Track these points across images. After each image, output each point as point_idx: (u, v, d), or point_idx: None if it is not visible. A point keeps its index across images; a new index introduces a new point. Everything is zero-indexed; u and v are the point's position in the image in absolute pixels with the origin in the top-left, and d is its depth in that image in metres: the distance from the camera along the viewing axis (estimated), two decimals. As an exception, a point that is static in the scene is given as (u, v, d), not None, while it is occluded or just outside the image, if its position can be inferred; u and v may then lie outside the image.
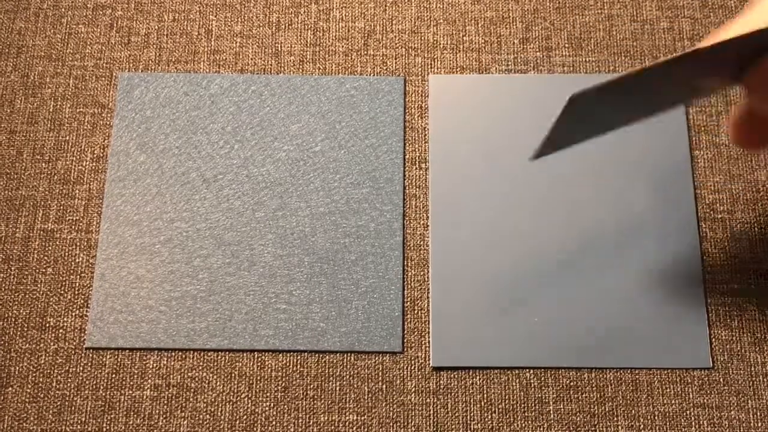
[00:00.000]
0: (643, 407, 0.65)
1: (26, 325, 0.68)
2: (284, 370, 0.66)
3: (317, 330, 0.67)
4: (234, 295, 0.68)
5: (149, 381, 0.66)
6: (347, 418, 0.65)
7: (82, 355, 0.67)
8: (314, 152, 0.72)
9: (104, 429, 0.65)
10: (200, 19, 0.78)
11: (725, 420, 0.64)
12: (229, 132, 0.73)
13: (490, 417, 0.65)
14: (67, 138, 0.73)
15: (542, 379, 0.66)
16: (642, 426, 0.64)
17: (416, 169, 0.72)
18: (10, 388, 0.66)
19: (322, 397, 0.66)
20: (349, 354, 0.67)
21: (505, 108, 0.73)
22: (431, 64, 0.76)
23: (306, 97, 0.74)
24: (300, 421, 0.65)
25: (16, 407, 0.65)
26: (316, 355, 0.67)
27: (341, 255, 0.69)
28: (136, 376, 0.66)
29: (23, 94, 0.75)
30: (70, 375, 0.66)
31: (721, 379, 0.65)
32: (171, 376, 0.66)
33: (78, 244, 0.70)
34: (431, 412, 0.65)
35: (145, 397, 0.66)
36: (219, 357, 0.67)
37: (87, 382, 0.66)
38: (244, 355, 0.67)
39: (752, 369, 0.66)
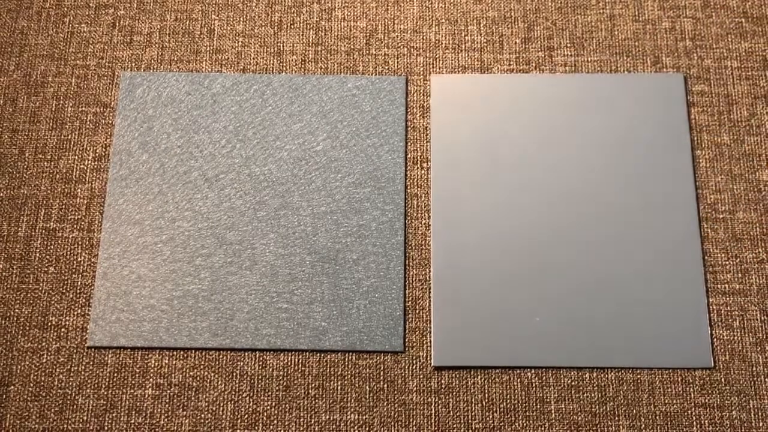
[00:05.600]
0: (645, 407, 0.65)
1: (28, 324, 0.68)
2: (286, 370, 0.66)
3: (319, 329, 0.67)
4: (236, 295, 0.68)
5: (151, 380, 0.66)
6: (349, 417, 0.65)
7: (84, 354, 0.67)
8: (316, 151, 0.72)
9: (106, 428, 0.65)
10: (202, 19, 0.78)
11: (726, 420, 0.64)
12: (231, 131, 0.73)
13: (491, 416, 0.65)
14: (69, 137, 0.73)
15: (543, 378, 0.66)
16: (643, 425, 0.64)
17: (418, 168, 0.72)
18: (12, 387, 0.66)
19: (324, 396, 0.66)
20: (350, 353, 0.67)
21: (506, 107, 0.73)
22: (433, 63, 0.76)
23: (308, 96, 0.74)
24: (301, 420, 0.65)
25: (18, 406, 0.65)
26: (318, 354, 0.67)
27: (343, 254, 0.69)
28: (137, 375, 0.66)
29: (25, 93, 0.75)
30: (71, 374, 0.66)
31: (723, 379, 0.65)
32: (173, 375, 0.66)
33: (80, 243, 0.70)
34: (433, 411, 0.65)
35: (146, 396, 0.66)
36: (221, 356, 0.67)
37: (89, 381, 0.66)
38: (246, 354, 0.67)
39: (753, 369, 0.66)
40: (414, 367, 0.66)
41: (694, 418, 0.64)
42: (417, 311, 0.68)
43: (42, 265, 0.69)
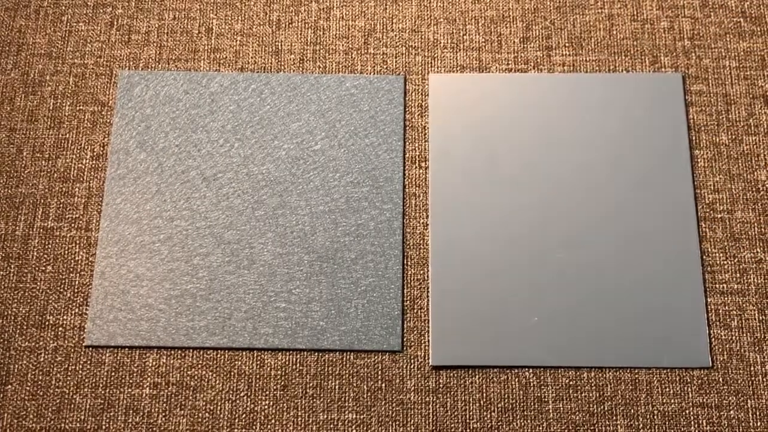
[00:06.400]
0: (643, 406, 0.65)
1: (26, 323, 0.68)
2: (284, 369, 0.66)
3: (317, 329, 0.67)
4: (233, 294, 0.68)
5: (148, 379, 0.66)
6: (346, 416, 0.65)
7: (82, 353, 0.67)
8: (314, 151, 0.72)
9: (103, 427, 0.65)
10: (201, 18, 0.78)
11: (724, 419, 0.64)
12: (229, 130, 0.73)
13: (489, 416, 0.65)
14: (67, 136, 0.73)
15: (541, 378, 0.66)
16: (641, 425, 0.64)
17: (416, 167, 0.72)
18: (10, 386, 0.66)
19: (322, 395, 0.66)
20: (348, 353, 0.67)
21: (505, 107, 0.73)
22: (431, 62, 0.76)
23: (306, 95, 0.74)
24: (299, 419, 0.65)
25: (16, 405, 0.65)
26: (316, 353, 0.67)
27: (341, 254, 0.69)
28: (135, 374, 0.66)
29: (23, 92, 0.75)
30: (69, 373, 0.66)
31: (721, 379, 0.65)
32: (170, 374, 0.66)
33: (78, 242, 0.70)
34: (430, 410, 0.65)
35: (144, 395, 0.66)
36: (218, 355, 0.67)
37: (86, 380, 0.66)
38: (244, 353, 0.67)
39: (751, 369, 0.66)
40: (412, 366, 0.66)
41: (692, 417, 0.64)
42: (415, 311, 0.68)
43: (40, 264, 0.69)
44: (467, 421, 0.65)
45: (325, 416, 0.65)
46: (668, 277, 0.68)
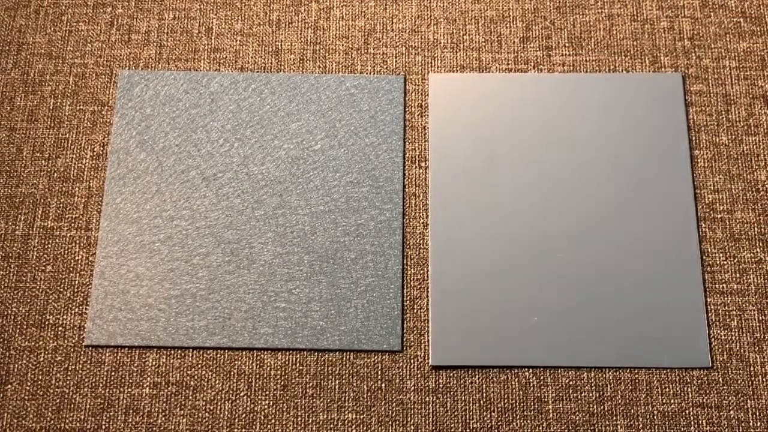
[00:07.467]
0: (642, 407, 0.65)
1: (26, 323, 0.68)
2: (283, 369, 0.66)
3: (317, 328, 0.67)
4: (233, 294, 0.68)
5: (148, 379, 0.66)
6: (346, 416, 0.65)
7: (82, 352, 0.67)
8: (314, 150, 0.72)
9: (103, 427, 0.65)
10: (201, 17, 0.78)
11: (724, 420, 0.64)
12: (229, 130, 0.73)
13: (489, 416, 0.65)
14: (67, 135, 0.73)
15: (541, 378, 0.66)
16: (641, 425, 0.64)
17: (416, 167, 0.72)
18: (10, 386, 0.66)
19: (322, 395, 0.66)
20: (348, 352, 0.67)
21: (505, 107, 0.73)
22: (431, 62, 0.76)
23: (306, 95, 0.74)
24: (299, 419, 0.65)
25: (16, 404, 0.65)
26: (316, 353, 0.67)
27: (341, 254, 0.69)
28: (135, 374, 0.66)
29: (23, 92, 0.75)
30: (69, 373, 0.66)
31: (720, 379, 0.65)
32: (170, 374, 0.66)
33: (77, 241, 0.70)
34: (430, 410, 0.65)
35: (144, 395, 0.66)
36: (218, 355, 0.67)
37: (86, 380, 0.66)
38: (244, 353, 0.67)
39: (751, 369, 0.66)
40: (412, 366, 0.66)
41: (691, 417, 0.64)
42: (415, 311, 0.68)
43: (39, 264, 0.69)
44: (467, 421, 0.65)
45: (325, 416, 0.65)
46: (668, 277, 0.68)
